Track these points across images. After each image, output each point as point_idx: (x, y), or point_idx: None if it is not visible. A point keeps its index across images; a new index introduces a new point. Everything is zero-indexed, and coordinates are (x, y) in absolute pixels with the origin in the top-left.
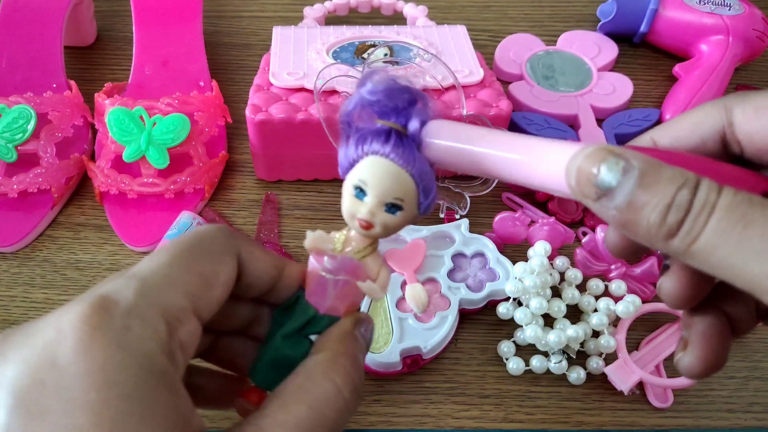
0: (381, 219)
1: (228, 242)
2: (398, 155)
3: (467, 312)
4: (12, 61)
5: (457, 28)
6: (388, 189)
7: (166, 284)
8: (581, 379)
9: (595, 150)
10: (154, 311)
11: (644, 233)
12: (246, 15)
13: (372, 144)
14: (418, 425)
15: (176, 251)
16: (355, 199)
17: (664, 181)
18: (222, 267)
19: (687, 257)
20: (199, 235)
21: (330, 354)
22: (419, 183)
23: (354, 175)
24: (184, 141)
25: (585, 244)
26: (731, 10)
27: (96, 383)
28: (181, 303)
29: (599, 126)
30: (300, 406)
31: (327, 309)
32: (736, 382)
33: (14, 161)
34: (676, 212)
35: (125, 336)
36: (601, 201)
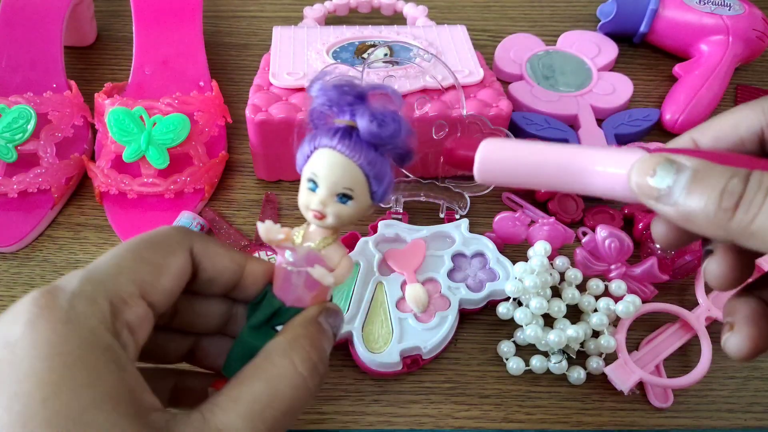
0: (332, 209)
1: (180, 238)
2: (345, 146)
3: (467, 312)
4: (12, 61)
5: (457, 28)
6: (338, 179)
7: (113, 272)
8: (581, 379)
9: (650, 156)
10: (99, 294)
11: (703, 221)
12: (246, 15)
13: (321, 138)
14: (418, 425)
15: (128, 245)
16: (308, 192)
17: (715, 174)
18: (172, 258)
19: (746, 238)
20: (152, 232)
21: (289, 335)
22: (368, 172)
23: (307, 169)
24: (184, 141)
25: (585, 244)
26: (731, 10)
27: (41, 354)
28: (126, 287)
29: (599, 126)
30: (255, 382)
31: (293, 301)
32: (736, 382)
33: (14, 161)
34: (730, 197)
35: (69, 313)
36: (661, 200)
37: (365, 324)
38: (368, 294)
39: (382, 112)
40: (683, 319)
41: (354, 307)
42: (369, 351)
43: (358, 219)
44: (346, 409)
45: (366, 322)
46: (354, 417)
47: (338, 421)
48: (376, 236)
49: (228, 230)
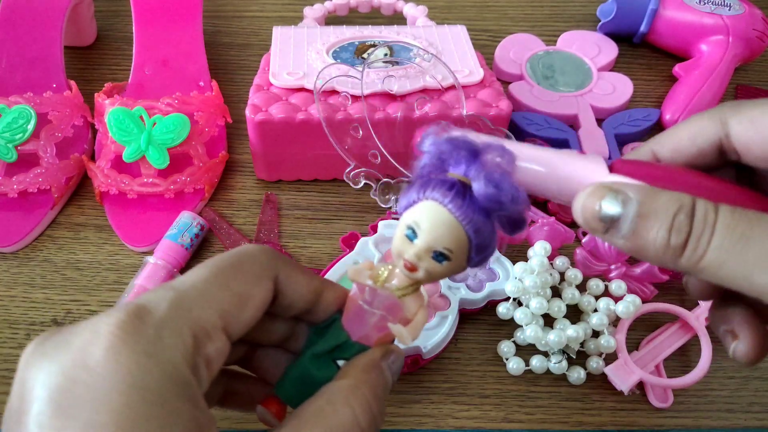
0: (426, 265)
1: (268, 264)
2: (456, 206)
3: (467, 312)
4: (12, 61)
5: (457, 28)
6: (439, 237)
7: (201, 299)
8: (581, 379)
9: (594, 188)
10: (185, 324)
11: (653, 256)
12: (246, 15)
13: (434, 190)
14: (418, 425)
15: (215, 268)
16: (405, 239)
17: (661, 207)
18: (258, 289)
19: (696, 273)
20: (240, 254)
21: (353, 381)
22: (473, 238)
23: (409, 216)
24: (184, 141)
25: (585, 244)
26: (731, 10)
27: (121, 386)
28: (212, 319)
29: (599, 126)
30: (315, 429)
31: (360, 337)
32: (736, 382)
33: (14, 161)
34: (678, 235)
35: (155, 344)
36: (609, 233)
37: None
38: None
39: (499, 175)
40: (683, 319)
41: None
42: None
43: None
44: None
45: None
46: None
47: None
48: (376, 236)
49: (228, 230)
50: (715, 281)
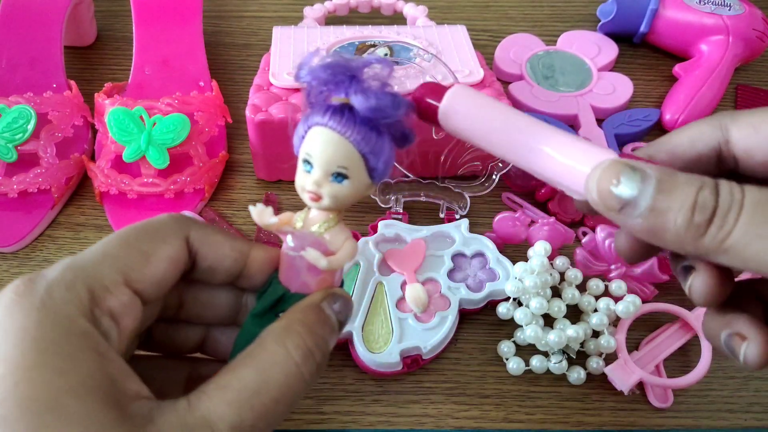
0: (328, 190)
1: (175, 225)
2: (336, 122)
3: (467, 312)
4: (12, 61)
5: (457, 28)
6: (330, 157)
7: (97, 259)
8: (581, 379)
9: (611, 164)
10: (78, 281)
11: (673, 237)
12: (246, 15)
13: (314, 116)
14: (418, 425)
15: (119, 233)
16: (304, 173)
17: (681, 185)
18: (162, 245)
19: (718, 255)
20: (147, 220)
21: (285, 322)
22: (363, 149)
23: (302, 150)
24: (184, 141)
25: (585, 244)
26: (731, 10)
27: (14, 339)
28: (109, 274)
29: (599, 126)
30: (245, 369)
31: (298, 287)
32: (736, 382)
33: (14, 161)
34: (702, 212)
35: (44, 299)
36: (624, 211)
37: (365, 324)
38: (368, 294)
39: (377, 85)
40: (683, 319)
41: (354, 307)
42: (369, 351)
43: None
44: (346, 409)
45: (366, 322)
46: (354, 417)
47: (338, 421)
48: (376, 236)
49: (228, 230)
50: (737, 264)
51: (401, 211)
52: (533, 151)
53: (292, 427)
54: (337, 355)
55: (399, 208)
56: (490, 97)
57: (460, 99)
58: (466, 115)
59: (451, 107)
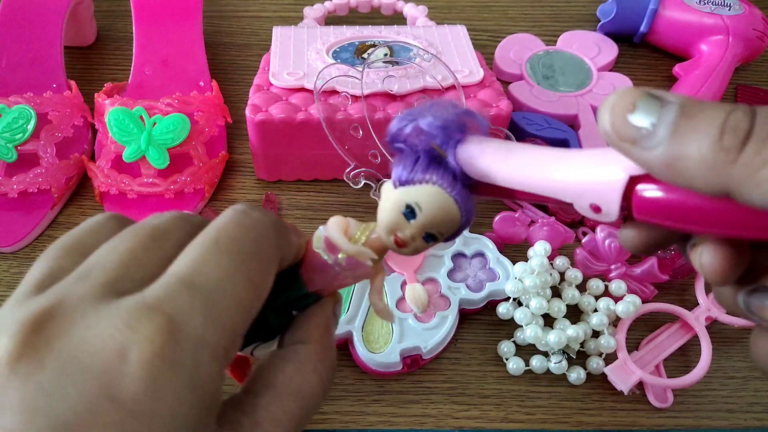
0: (416, 245)
1: (278, 243)
2: (461, 198)
3: (467, 312)
4: (12, 61)
5: (457, 28)
6: (437, 223)
7: (230, 305)
8: (581, 379)
9: (626, 90)
10: (220, 341)
11: (696, 166)
12: (246, 15)
13: (442, 178)
14: (418, 425)
15: (237, 256)
16: (401, 216)
17: (708, 109)
18: (270, 278)
19: (751, 188)
20: (257, 232)
21: (319, 348)
22: (463, 225)
23: (410, 195)
24: (184, 141)
25: (585, 244)
26: (731, 10)
27: (162, 427)
28: (241, 328)
29: None
30: (291, 401)
31: (316, 289)
32: (736, 382)
33: (14, 161)
34: (734, 134)
35: (195, 377)
36: (641, 143)
37: (365, 324)
38: (368, 294)
39: None
40: (683, 319)
41: (354, 307)
42: (369, 351)
43: None
44: (346, 409)
45: (366, 322)
46: (354, 417)
47: (338, 421)
48: None
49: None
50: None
51: None
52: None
53: None
54: (337, 355)
55: None
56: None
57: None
58: None
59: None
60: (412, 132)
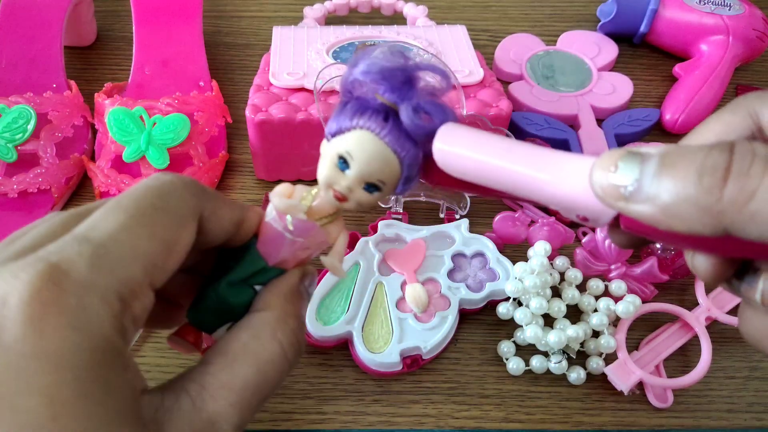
0: (357, 196)
1: (193, 202)
2: (394, 138)
3: (467, 312)
4: (12, 61)
5: (457, 28)
6: (374, 170)
7: (126, 254)
8: (581, 379)
9: (606, 153)
10: (111, 287)
11: (687, 211)
12: (246, 15)
13: (370, 119)
14: (418, 425)
15: (136, 211)
16: (336, 168)
17: (688, 153)
18: (184, 232)
19: (746, 225)
20: (161, 190)
21: (278, 313)
22: (406, 170)
23: (341, 144)
24: (184, 141)
25: (585, 244)
26: (731, 10)
27: (49, 366)
28: (138, 276)
29: (599, 126)
30: (245, 367)
31: (277, 262)
32: (736, 382)
33: (14, 161)
34: (712, 171)
35: (80, 316)
36: (632, 198)
37: (365, 324)
38: (368, 294)
39: (429, 103)
40: (683, 319)
41: (354, 307)
42: (369, 351)
43: None
44: (346, 409)
45: (366, 322)
46: (354, 417)
47: (338, 421)
48: (376, 236)
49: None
50: (763, 231)
51: (401, 211)
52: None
53: (292, 427)
54: (337, 355)
55: (399, 208)
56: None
57: (446, 138)
58: (458, 156)
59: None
60: (354, 81)
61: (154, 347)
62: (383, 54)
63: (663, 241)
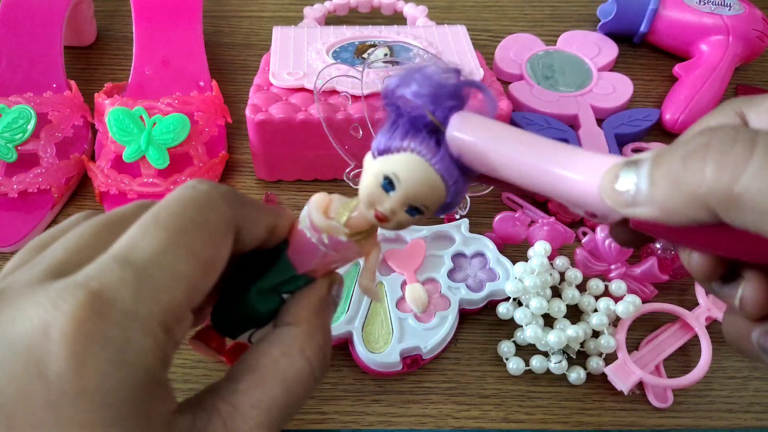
0: (399, 218)
1: (230, 214)
2: (444, 166)
3: (467, 312)
4: (12, 61)
5: (457, 28)
6: (420, 195)
7: (168, 279)
8: (581, 379)
9: (610, 167)
10: (155, 316)
11: (676, 201)
12: (246, 15)
13: (422, 144)
14: (418, 425)
15: (175, 229)
16: (380, 189)
17: (675, 146)
18: (223, 249)
19: (732, 209)
20: (199, 204)
21: (307, 328)
22: (450, 197)
23: (388, 165)
24: (184, 141)
25: (585, 244)
26: (731, 10)
27: (90, 405)
28: (182, 302)
29: (599, 126)
30: (275, 385)
31: (306, 271)
32: (736, 382)
33: (14, 161)
34: (694, 155)
35: (125, 350)
36: (635, 203)
37: (365, 324)
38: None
39: None
40: (683, 319)
41: (354, 307)
42: (369, 351)
43: None
44: (346, 409)
45: (366, 322)
46: (354, 417)
47: (338, 421)
48: None
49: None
50: (758, 222)
51: None
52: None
53: (292, 427)
54: (337, 355)
55: None
56: (491, 121)
57: (459, 126)
58: (472, 144)
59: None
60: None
61: None
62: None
63: (669, 238)
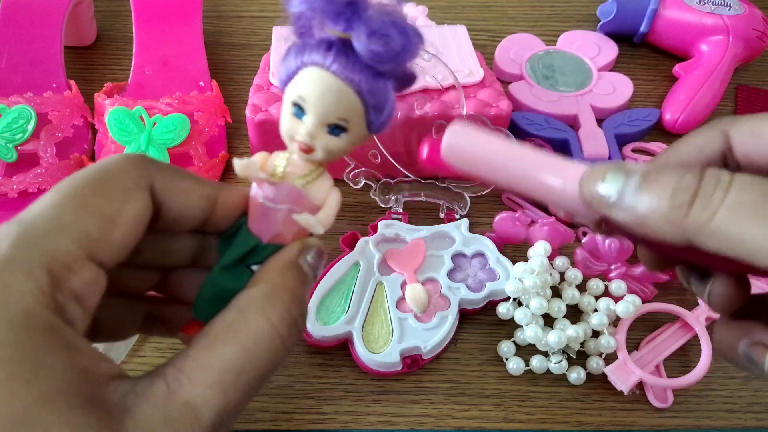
0: (323, 142)
1: (138, 173)
2: (341, 66)
3: (467, 312)
4: (12, 61)
5: (457, 28)
6: (330, 108)
7: (53, 229)
8: (581, 379)
9: (598, 165)
10: (35, 262)
11: (657, 221)
12: (246, 15)
13: (312, 53)
14: (418, 425)
15: (69, 189)
16: (293, 118)
17: (666, 173)
18: (128, 204)
19: (705, 238)
20: (100, 167)
21: (267, 287)
22: (368, 100)
23: (292, 90)
24: (184, 141)
25: (585, 244)
26: (731, 10)
27: None
28: (70, 249)
29: (599, 126)
30: (228, 346)
31: (271, 238)
32: (736, 382)
33: (14, 161)
34: (683, 193)
35: (2, 295)
36: (614, 206)
37: (365, 324)
38: (368, 294)
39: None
40: (683, 319)
41: (354, 307)
42: (369, 351)
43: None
44: (346, 409)
45: (366, 322)
46: (354, 417)
47: (338, 421)
48: (376, 236)
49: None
50: (725, 248)
51: (401, 211)
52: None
53: (293, 427)
54: (337, 355)
55: (399, 208)
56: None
57: (455, 137)
58: (466, 154)
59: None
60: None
61: (155, 347)
62: None
63: (636, 242)
